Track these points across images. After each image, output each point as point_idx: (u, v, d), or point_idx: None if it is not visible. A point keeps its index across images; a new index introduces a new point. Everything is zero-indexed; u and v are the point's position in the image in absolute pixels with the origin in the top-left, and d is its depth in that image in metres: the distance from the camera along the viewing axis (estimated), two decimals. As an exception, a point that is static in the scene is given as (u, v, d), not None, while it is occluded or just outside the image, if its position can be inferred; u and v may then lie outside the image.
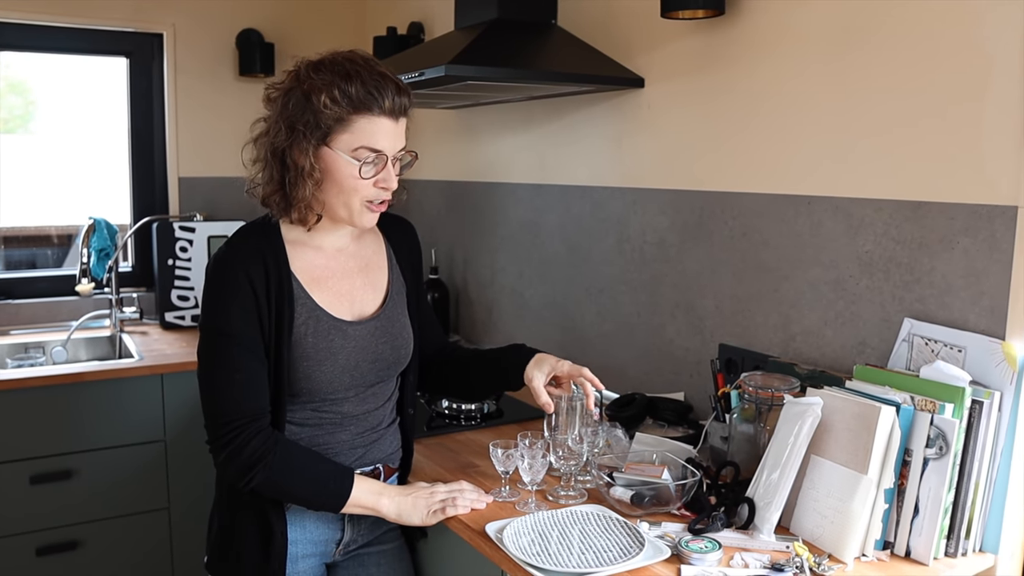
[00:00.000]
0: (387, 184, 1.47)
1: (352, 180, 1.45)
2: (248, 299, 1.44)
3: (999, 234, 1.45)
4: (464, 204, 3.02)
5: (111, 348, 3.06)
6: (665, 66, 2.12)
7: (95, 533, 2.59)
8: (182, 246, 3.10)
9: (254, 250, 1.48)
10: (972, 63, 1.48)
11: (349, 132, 1.43)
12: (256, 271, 1.45)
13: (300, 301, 1.49)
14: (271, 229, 1.52)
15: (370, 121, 1.43)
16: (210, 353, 1.47)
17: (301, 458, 1.49)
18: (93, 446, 2.56)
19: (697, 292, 2.07)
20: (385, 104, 1.43)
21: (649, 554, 1.39)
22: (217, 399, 1.46)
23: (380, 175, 1.46)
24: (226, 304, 1.45)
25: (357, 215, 1.49)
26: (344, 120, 1.42)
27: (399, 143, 1.48)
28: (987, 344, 1.46)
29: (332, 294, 1.54)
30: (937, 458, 1.41)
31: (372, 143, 1.44)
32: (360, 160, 1.44)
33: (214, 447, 1.46)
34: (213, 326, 1.46)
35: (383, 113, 1.44)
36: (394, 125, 1.46)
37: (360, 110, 1.42)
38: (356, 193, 1.46)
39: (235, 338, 1.44)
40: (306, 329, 1.49)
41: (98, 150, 3.31)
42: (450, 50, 2.11)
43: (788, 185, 1.83)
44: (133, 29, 3.17)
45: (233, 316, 1.44)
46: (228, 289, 1.45)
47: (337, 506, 1.50)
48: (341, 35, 3.48)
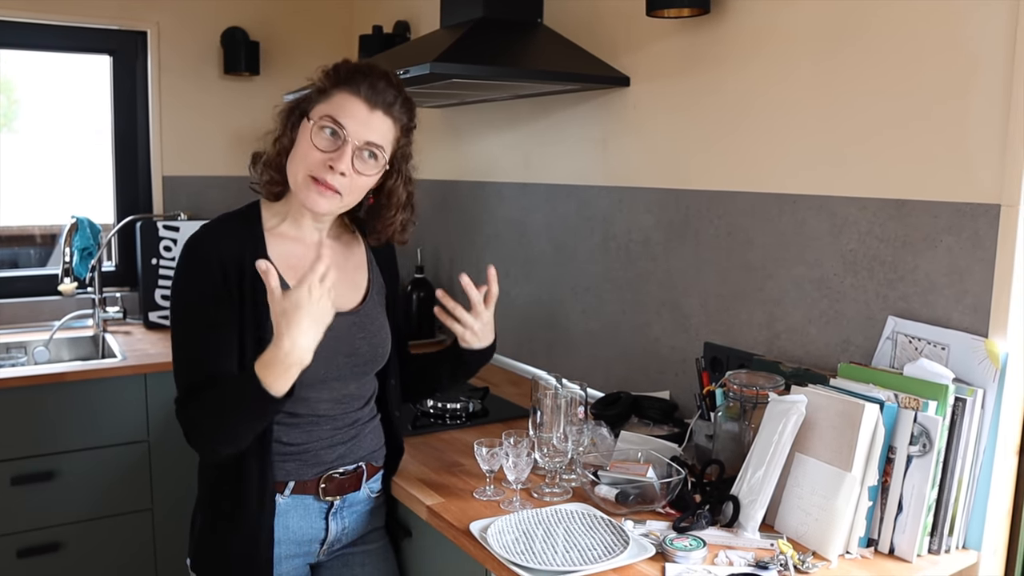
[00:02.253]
0: (336, 164, 1.44)
1: (307, 148, 1.46)
2: (217, 275, 1.44)
3: (982, 232, 1.46)
4: (450, 203, 3.01)
5: (94, 348, 3.03)
6: (651, 65, 2.12)
7: (78, 534, 2.57)
8: (166, 245, 3.08)
9: (230, 233, 1.49)
10: (956, 62, 1.48)
11: (325, 103, 1.48)
12: (229, 253, 1.45)
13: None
14: (252, 216, 1.54)
15: (345, 98, 1.47)
16: (175, 330, 1.48)
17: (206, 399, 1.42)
18: (75, 447, 2.54)
19: (682, 291, 2.07)
20: (363, 86, 1.46)
21: (633, 552, 1.39)
22: (178, 375, 1.48)
23: (333, 153, 1.45)
24: (194, 279, 1.45)
25: (303, 188, 1.47)
26: (325, 92, 1.48)
27: (369, 134, 1.47)
28: (970, 342, 1.47)
29: None
30: (921, 455, 1.41)
31: (337, 115, 1.46)
32: (321, 127, 1.46)
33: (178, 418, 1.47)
34: (178, 302, 1.48)
35: (359, 94, 1.46)
36: (367, 112, 1.47)
37: (339, 85, 1.48)
38: (304, 163, 1.46)
39: (194, 314, 1.45)
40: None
41: (81, 149, 3.28)
42: (435, 48, 2.11)
43: (773, 184, 1.83)
44: (117, 27, 3.14)
45: (199, 290, 1.44)
46: (196, 266, 1.46)
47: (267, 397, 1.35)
48: (327, 34, 3.47)
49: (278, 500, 1.54)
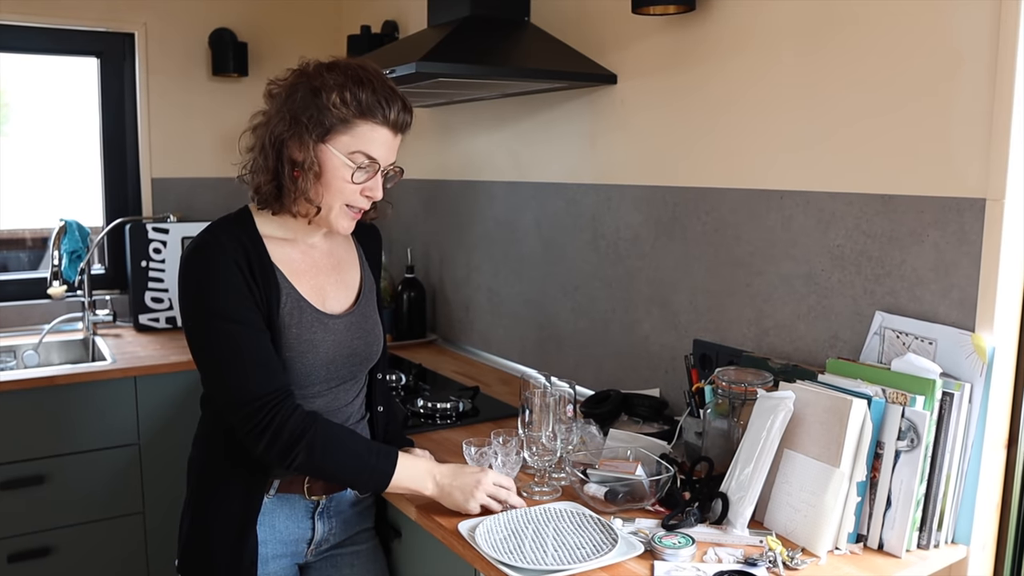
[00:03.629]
0: (372, 193, 1.49)
1: (341, 182, 1.46)
2: (239, 278, 1.43)
3: (968, 226, 1.46)
4: (439, 203, 3.00)
5: (84, 351, 3.02)
6: (638, 62, 2.11)
7: (68, 539, 2.56)
8: (155, 248, 3.06)
9: (234, 238, 1.47)
10: (939, 57, 1.48)
11: (350, 135, 1.44)
12: (240, 256, 1.45)
13: (285, 290, 1.49)
14: (246, 222, 1.52)
15: (372, 128, 1.45)
16: (216, 342, 1.43)
17: (342, 434, 1.48)
18: (66, 450, 2.53)
19: (671, 288, 2.07)
20: (390, 116, 1.45)
21: (622, 550, 1.38)
22: (241, 385, 1.42)
23: (368, 183, 1.48)
24: (219, 285, 1.42)
25: (336, 217, 1.49)
26: (348, 122, 1.44)
27: (392, 156, 1.50)
28: (957, 336, 1.47)
29: (310, 287, 1.54)
30: (909, 450, 1.41)
31: (369, 150, 1.45)
32: (355, 164, 1.45)
33: (252, 433, 1.42)
34: (211, 310, 1.42)
35: (386, 124, 1.46)
36: (392, 138, 1.48)
37: (365, 116, 1.44)
38: (341, 195, 1.47)
39: (238, 317, 1.42)
40: (290, 319, 1.48)
41: (69, 151, 3.27)
42: (422, 47, 2.10)
43: (760, 180, 1.83)
44: (104, 29, 3.13)
45: (230, 295, 1.42)
46: (216, 271, 1.43)
47: (381, 485, 1.50)
48: (315, 34, 3.46)
49: (264, 500, 1.53)
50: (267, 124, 1.47)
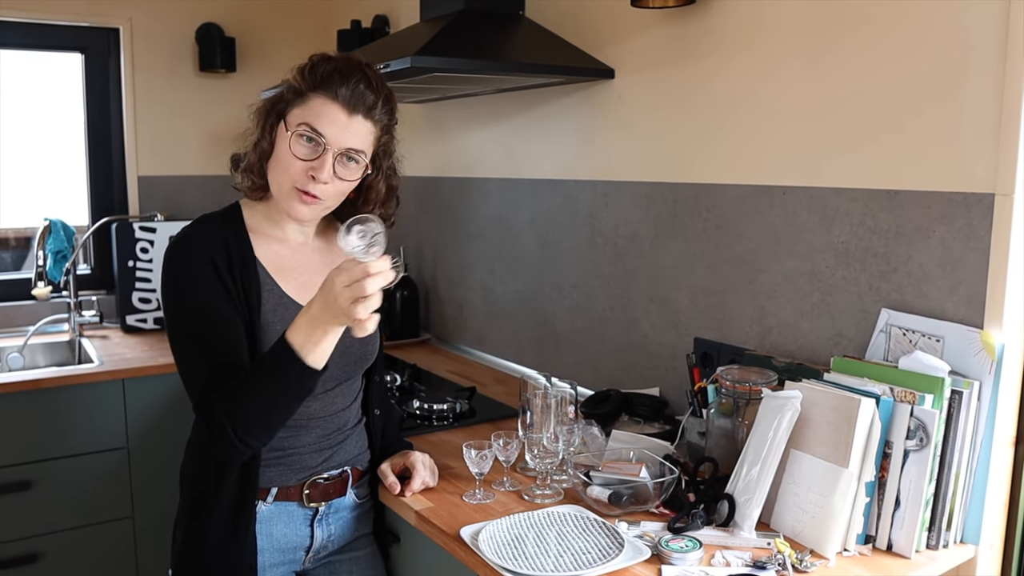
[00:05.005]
0: (317, 174, 1.39)
1: (286, 156, 1.41)
2: (211, 273, 1.40)
3: (976, 222, 1.44)
4: (432, 200, 2.96)
5: (70, 353, 2.97)
6: (636, 57, 2.08)
7: (56, 545, 2.51)
8: (143, 247, 3.01)
9: (215, 232, 1.44)
10: (949, 50, 1.46)
11: (301, 107, 1.42)
12: (218, 250, 1.41)
13: (267, 287, 1.46)
14: (234, 217, 1.49)
15: (323, 103, 1.41)
16: (182, 333, 1.42)
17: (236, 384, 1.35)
18: (53, 455, 2.48)
19: (671, 286, 2.04)
20: (341, 90, 1.40)
21: (629, 555, 1.36)
22: (194, 376, 1.39)
23: (314, 162, 1.40)
24: (189, 279, 1.40)
25: (286, 198, 1.44)
26: (302, 95, 1.42)
27: (349, 140, 1.42)
28: (965, 333, 1.45)
29: (297, 285, 1.50)
30: (917, 450, 1.39)
31: (315, 123, 1.40)
32: (298, 133, 1.40)
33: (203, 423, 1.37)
34: (180, 305, 1.41)
35: (336, 99, 1.41)
36: (346, 118, 1.41)
37: (317, 89, 1.41)
38: (287, 172, 1.42)
39: (202, 313, 1.39)
40: (274, 316, 1.45)
41: (53, 149, 3.21)
42: (416, 41, 2.06)
43: (762, 176, 1.80)
44: (88, 24, 3.07)
45: (196, 293, 1.39)
46: (189, 265, 1.40)
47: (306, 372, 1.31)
48: (305, 28, 3.41)
49: (260, 507, 1.50)
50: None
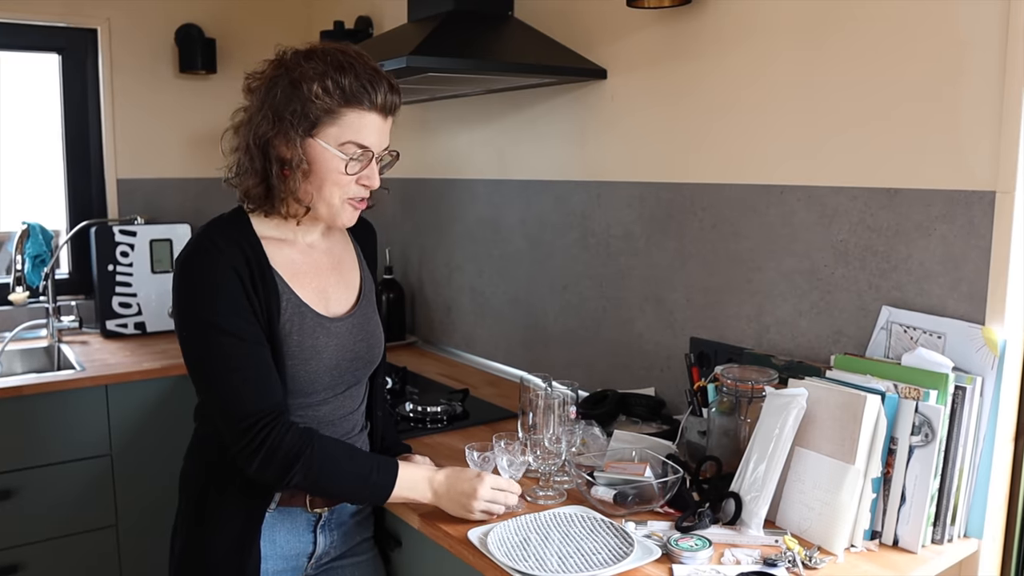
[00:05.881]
0: (370, 182, 1.42)
1: (336, 175, 1.39)
2: (237, 287, 1.36)
3: (977, 220, 1.45)
4: (418, 202, 2.94)
5: (48, 360, 2.90)
6: (629, 57, 2.08)
7: (38, 555, 2.45)
8: (123, 251, 2.96)
9: (233, 242, 1.39)
10: (947, 47, 1.47)
11: (338, 125, 1.37)
12: (238, 261, 1.37)
13: (285, 296, 1.42)
14: (243, 223, 1.44)
15: (360, 116, 1.37)
16: (212, 352, 1.35)
17: (339, 451, 1.42)
18: (34, 463, 2.43)
19: (666, 285, 2.04)
20: (377, 100, 1.38)
21: (639, 555, 1.35)
22: (237, 400, 1.35)
23: (364, 172, 1.41)
24: (216, 294, 1.35)
25: (338, 212, 1.43)
26: (334, 112, 1.36)
27: (385, 141, 1.43)
28: (967, 330, 1.46)
29: (311, 290, 1.47)
30: (922, 445, 1.40)
31: (360, 139, 1.38)
32: (347, 155, 1.38)
33: (245, 451, 1.35)
34: (207, 321, 1.35)
35: (374, 108, 1.38)
36: (383, 122, 1.41)
37: (351, 103, 1.36)
38: (338, 188, 1.40)
39: (235, 330, 1.34)
40: (291, 327, 1.42)
41: (30, 151, 3.14)
42: (409, 42, 2.05)
43: (759, 175, 1.81)
44: (65, 24, 3.01)
45: (227, 306, 1.35)
46: (214, 278, 1.35)
47: (381, 498, 1.46)
48: (286, 29, 3.37)
49: (264, 514, 1.47)
50: (249, 123, 1.40)
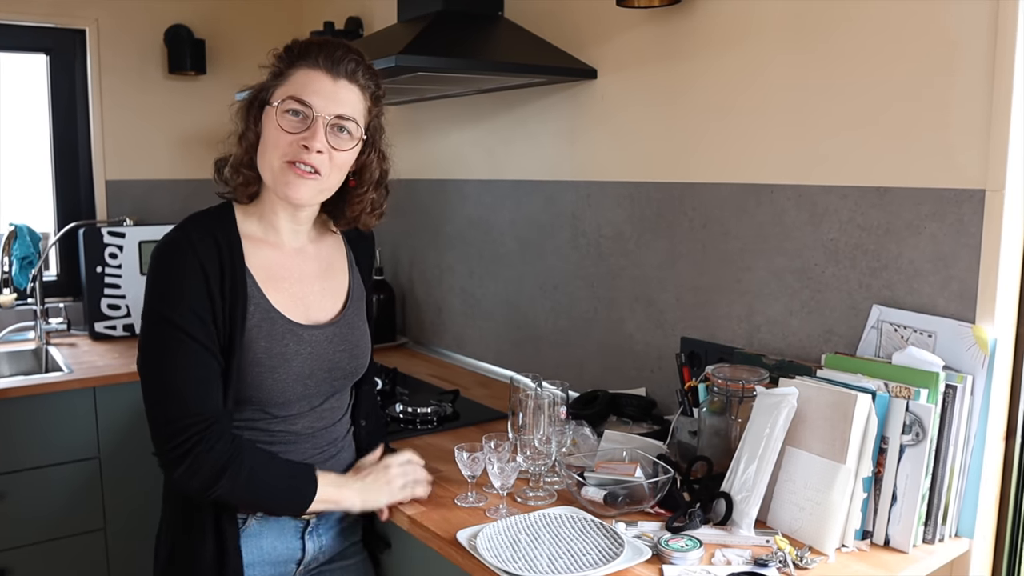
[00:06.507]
0: (309, 142, 1.34)
1: (274, 133, 1.36)
2: (201, 286, 1.33)
3: (967, 218, 1.45)
4: (408, 203, 2.93)
5: (35, 362, 2.88)
6: (619, 56, 2.08)
7: (26, 559, 2.43)
8: (111, 252, 2.94)
9: (208, 235, 1.36)
10: (937, 47, 1.47)
11: (284, 85, 1.38)
12: (210, 258, 1.34)
13: (253, 300, 1.39)
14: (226, 219, 1.42)
15: (304, 73, 1.37)
16: (159, 347, 1.33)
17: (264, 462, 1.39)
18: (22, 466, 2.41)
19: (657, 285, 2.04)
20: (321, 58, 1.36)
21: (629, 556, 1.34)
22: (170, 402, 1.31)
23: (305, 133, 1.35)
24: (178, 290, 1.32)
25: (280, 178, 1.36)
26: (282, 74, 1.39)
27: (338, 107, 1.37)
28: (957, 328, 1.46)
29: (287, 296, 1.44)
30: (913, 445, 1.40)
31: (301, 94, 1.35)
32: (285, 108, 1.36)
33: (170, 457, 1.31)
34: (162, 315, 1.32)
35: (318, 67, 1.36)
36: (332, 84, 1.37)
37: (295, 63, 1.38)
38: (277, 148, 1.36)
39: (188, 329, 1.31)
40: (258, 332, 1.38)
41: (17, 152, 3.12)
42: (398, 41, 2.04)
43: (749, 174, 1.80)
44: (52, 24, 3.00)
45: (185, 304, 1.32)
46: (179, 274, 1.32)
47: (301, 508, 1.42)
48: (276, 30, 3.36)
49: (251, 521, 1.45)
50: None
